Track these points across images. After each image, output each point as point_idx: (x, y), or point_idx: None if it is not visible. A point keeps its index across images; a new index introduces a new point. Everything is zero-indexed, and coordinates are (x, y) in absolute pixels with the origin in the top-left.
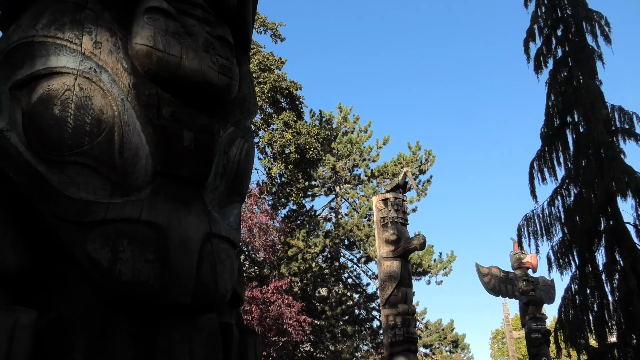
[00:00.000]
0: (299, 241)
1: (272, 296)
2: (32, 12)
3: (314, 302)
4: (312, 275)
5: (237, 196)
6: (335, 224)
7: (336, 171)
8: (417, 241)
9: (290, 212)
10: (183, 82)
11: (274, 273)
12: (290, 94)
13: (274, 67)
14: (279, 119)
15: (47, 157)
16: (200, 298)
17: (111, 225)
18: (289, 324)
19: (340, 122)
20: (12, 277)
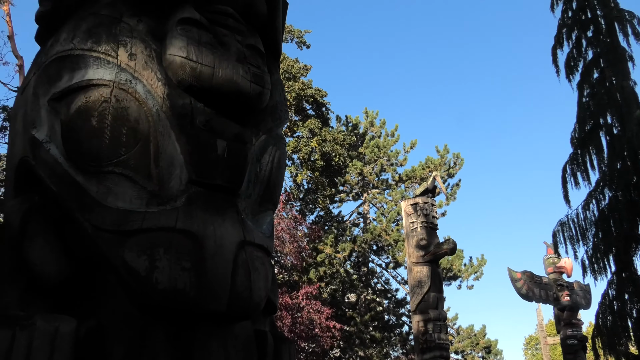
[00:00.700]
0: (327, 247)
1: (302, 302)
2: (70, 26)
3: (343, 308)
4: (340, 280)
5: (270, 204)
6: (363, 229)
7: (363, 176)
8: (447, 246)
9: (318, 217)
10: (216, 91)
11: (303, 279)
12: (315, 101)
13: (299, 74)
14: (304, 126)
15: (86, 168)
16: (235, 306)
17: (148, 234)
18: (319, 329)
19: (366, 127)
20: (53, 286)
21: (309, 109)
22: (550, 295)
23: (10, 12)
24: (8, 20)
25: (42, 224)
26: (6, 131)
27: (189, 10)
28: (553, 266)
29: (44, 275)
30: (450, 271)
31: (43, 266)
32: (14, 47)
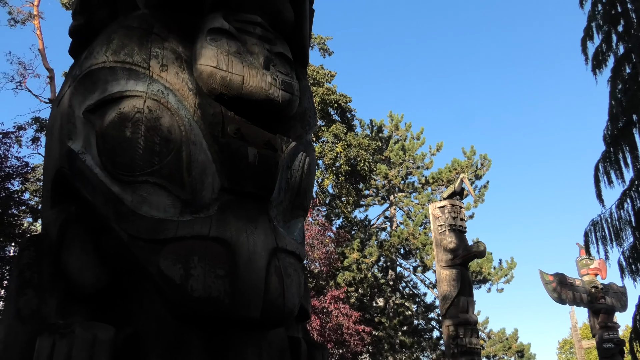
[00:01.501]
0: (354, 251)
1: (330, 305)
2: (102, 39)
3: (372, 313)
4: (368, 285)
5: (301, 210)
6: (390, 233)
7: (389, 180)
8: (476, 249)
9: (344, 222)
10: (246, 99)
11: (331, 283)
12: (340, 106)
13: (323, 80)
14: (328, 131)
15: (120, 178)
16: (269, 313)
17: (182, 242)
18: (347, 333)
19: (391, 131)
20: (90, 294)
21: (333, 114)
22: (584, 297)
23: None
24: (39, 34)
25: (79, 234)
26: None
27: (218, 21)
28: (586, 268)
29: (81, 284)
30: (479, 274)
31: (81, 275)
32: (44, 60)
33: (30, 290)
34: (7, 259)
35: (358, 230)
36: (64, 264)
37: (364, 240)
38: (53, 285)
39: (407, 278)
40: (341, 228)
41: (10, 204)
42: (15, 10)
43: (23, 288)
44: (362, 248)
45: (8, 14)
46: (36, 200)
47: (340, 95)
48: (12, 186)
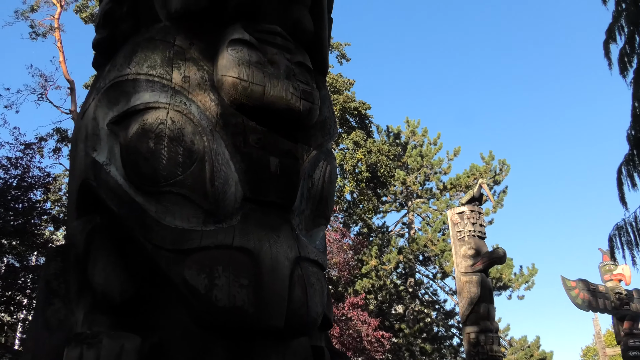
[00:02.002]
0: (372, 258)
1: (348, 312)
2: (125, 52)
3: (391, 320)
4: (387, 292)
5: (323, 219)
6: (409, 240)
7: (407, 186)
8: (496, 255)
9: (362, 228)
10: (267, 109)
11: (349, 290)
12: (359, 113)
13: (343, 88)
14: (348, 138)
15: (144, 188)
16: (292, 322)
17: (206, 252)
18: (367, 341)
19: (408, 136)
20: (117, 304)
21: (351, 120)
22: (608, 304)
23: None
24: (59, 46)
25: (104, 244)
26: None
27: (239, 31)
28: (610, 274)
29: (108, 294)
30: (499, 281)
31: (107, 285)
32: (65, 71)
33: (58, 300)
34: (30, 267)
35: (376, 237)
36: (90, 274)
37: (382, 247)
38: (80, 296)
39: (427, 285)
40: (359, 235)
41: (33, 214)
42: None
43: (50, 298)
44: (381, 255)
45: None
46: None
47: (360, 102)
48: (35, 196)
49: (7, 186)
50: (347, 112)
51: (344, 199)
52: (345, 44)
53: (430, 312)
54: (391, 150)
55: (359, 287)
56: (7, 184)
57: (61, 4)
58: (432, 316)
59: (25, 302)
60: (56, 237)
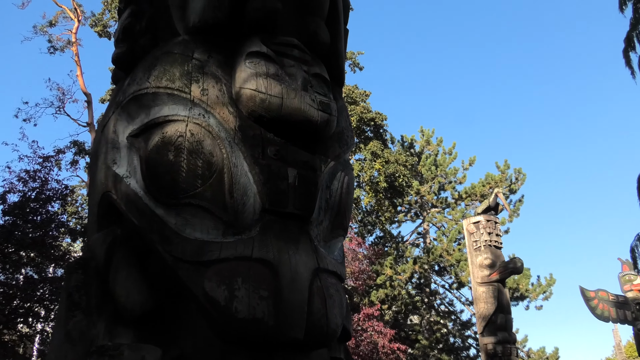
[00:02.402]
0: (387, 268)
1: (364, 323)
2: (144, 66)
3: (406, 331)
4: (402, 302)
5: (341, 230)
6: (424, 250)
7: (421, 195)
8: (513, 265)
9: (377, 239)
10: (285, 121)
11: (364, 301)
12: (375, 124)
13: (359, 99)
14: (366, 149)
15: (164, 201)
16: (312, 334)
17: (226, 263)
18: (382, 352)
19: (423, 146)
20: (137, 316)
21: (367, 130)
22: (628, 314)
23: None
24: (77, 60)
25: (125, 257)
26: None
27: (256, 44)
28: (630, 284)
29: (129, 306)
30: (517, 291)
31: (128, 297)
32: (82, 85)
33: (79, 312)
34: (48, 279)
35: (391, 246)
36: (112, 286)
37: (397, 257)
38: (101, 308)
39: (442, 295)
40: (374, 245)
41: (51, 226)
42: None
43: (72, 310)
44: (395, 265)
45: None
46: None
47: (377, 113)
48: (52, 208)
49: (26, 199)
50: (363, 123)
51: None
52: (358, 53)
53: (446, 323)
54: (408, 160)
55: (374, 297)
56: (25, 196)
57: (78, 19)
58: (448, 327)
59: (44, 314)
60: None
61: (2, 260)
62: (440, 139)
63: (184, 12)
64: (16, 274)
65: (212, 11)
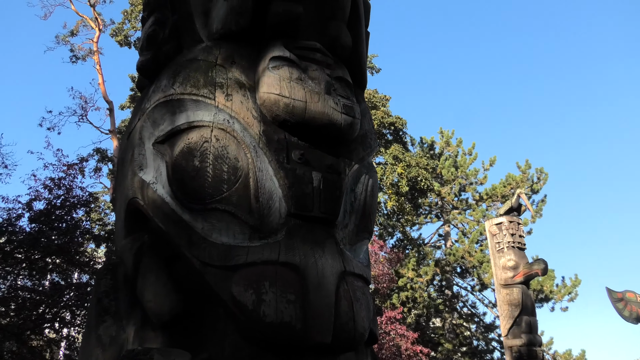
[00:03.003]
0: (408, 270)
1: (387, 327)
2: (169, 73)
3: (429, 333)
4: (424, 305)
5: (366, 233)
6: (445, 252)
7: (442, 197)
8: (537, 266)
9: (398, 241)
10: (309, 125)
11: (386, 304)
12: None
13: (379, 104)
14: (387, 152)
15: (191, 206)
16: (340, 337)
17: (253, 267)
18: (405, 355)
19: (442, 147)
20: (166, 320)
21: (387, 133)
22: None
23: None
24: (98, 69)
25: (153, 262)
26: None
27: (279, 49)
28: None
29: (157, 310)
30: (541, 293)
31: (156, 302)
32: (104, 93)
33: (109, 317)
34: (73, 285)
35: (412, 249)
36: (140, 291)
37: (419, 259)
38: (130, 312)
39: (465, 297)
40: (395, 247)
41: (76, 233)
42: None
43: (102, 315)
44: (417, 267)
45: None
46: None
47: (397, 117)
48: (77, 215)
49: (52, 206)
50: (383, 127)
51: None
52: (373, 55)
53: (469, 326)
54: (429, 163)
55: (396, 300)
56: (51, 204)
57: (99, 28)
58: (471, 329)
59: (70, 319)
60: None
61: (28, 266)
62: (460, 139)
63: (207, 19)
64: (42, 280)
65: (235, 18)
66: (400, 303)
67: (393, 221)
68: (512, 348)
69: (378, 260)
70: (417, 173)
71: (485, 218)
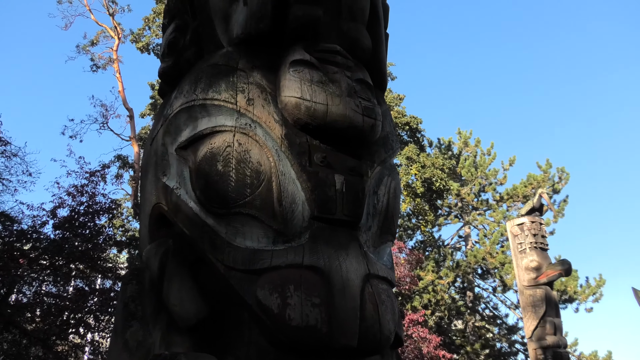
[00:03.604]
0: (429, 273)
1: (408, 329)
2: (190, 78)
3: (451, 336)
4: (445, 307)
5: (389, 235)
6: (466, 253)
7: (462, 198)
8: (561, 266)
9: (417, 243)
10: (331, 127)
11: (407, 307)
12: (411, 128)
13: (393, 104)
14: (401, 154)
15: (214, 210)
16: (365, 340)
17: (277, 271)
18: (427, 358)
19: (460, 148)
20: (192, 325)
21: (403, 135)
22: None
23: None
24: (118, 77)
25: (178, 266)
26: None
27: (300, 52)
28: None
29: (183, 315)
30: (564, 293)
31: (182, 306)
32: (124, 100)
33: (136, 322)
34: (97, 290)
35: (432, 250)
36: (165, 296)
37: (439, 261)
38: (156, 317)
39: (487, 299)
40: (415, 249)
41: (99, 239)
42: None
43: (128, 320)
44: (438, 269)
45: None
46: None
47: (411, 117)
48: (99, 221)
49: (75, 212)
50: (398, 127)
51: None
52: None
53: (492, 328)
54: (445, 163)
55: (417, 303)
56: (75, 210)
57: (119, 37)
58: (494, 331)
59: (94, 324)
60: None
61: (53, 273)
62: (478, 139)
63: (227, 25)
64: (66, 286)
65: (256, 23)
66: (422, 306)
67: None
68: (536, 350)
69: (398, 262)
70: (432, 173)
71: (506, 219)
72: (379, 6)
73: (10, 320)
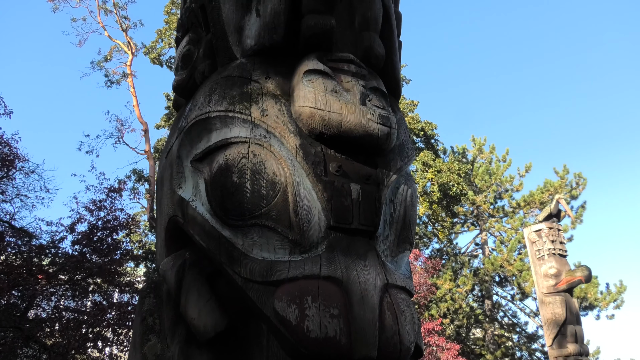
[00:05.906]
0: (446, 281)
1: (425, 338)
2: (205, 91)
3: (470, 345)
4: (463, 316)
5: (407, 244)
6: (484, 261)
7: (477, 205)
8: (580, 273)
9: (434, 251)
10: (346, 136)
11: (425, 315)
12: (425, 134)
13: (407, 110)
14: (417, 159)
15: (230, 222)
16: (385, 351)
17: (295, 282)
18: None
19: (475, 155)
20: (210, 337)
21: (418, 141)
22: None
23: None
24: (132, 91)
25: (195, 279)
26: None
27: (313, 62)
28: None
29: (201, 327)
30: (585, 300)
31: (200, 319)
32: (138, 115)
33: (154, 336)
34: (115, 304)
35: (449, 259)
36: (183, 309)
37: (456, 269)
38: (174, 330)
39: (505, 307)
40: (431, 257)
41: (117, 253)
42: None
43: (147, 334)
44: (455, 277)
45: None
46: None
47: (426, 122)
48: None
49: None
50: (413, 134)
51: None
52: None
53: (511, 336)
54: (461, 168)
55: (435, 311)
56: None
57: (132, 51)
58: (513, 340)
59: (112, 338)
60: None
61: (71, 287)
62: (493, 146)
63: (240, 37)
64: (85, 300)
65: (269, 34)
66: (440, 314)
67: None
68: (557, 359)
69: (415, 270)
70: (448, 178)
71: (524, 225)
72: (391, 14)
73: (29, 335)
